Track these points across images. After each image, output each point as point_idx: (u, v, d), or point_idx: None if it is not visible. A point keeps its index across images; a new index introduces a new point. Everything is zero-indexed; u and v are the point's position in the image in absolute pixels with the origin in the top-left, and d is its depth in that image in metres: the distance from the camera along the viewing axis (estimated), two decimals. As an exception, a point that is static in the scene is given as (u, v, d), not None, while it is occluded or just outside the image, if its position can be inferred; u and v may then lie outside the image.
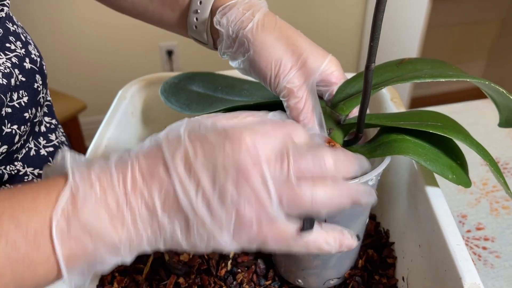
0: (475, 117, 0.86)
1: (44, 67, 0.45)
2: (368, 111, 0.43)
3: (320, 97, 0.43)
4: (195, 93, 0.52)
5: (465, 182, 0.39)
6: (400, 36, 1.85)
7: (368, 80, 0.34)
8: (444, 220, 0.38)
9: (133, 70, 2.03)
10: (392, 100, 0.55)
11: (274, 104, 0.42)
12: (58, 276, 0.26)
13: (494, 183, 0.70)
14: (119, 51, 1.98)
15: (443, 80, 0.37)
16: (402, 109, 0.53)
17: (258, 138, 0.26)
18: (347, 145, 0.42)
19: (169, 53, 2.02)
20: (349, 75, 0.43)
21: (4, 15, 0.41)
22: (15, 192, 0.26)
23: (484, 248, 0.59)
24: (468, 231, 0.62)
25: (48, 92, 0.48)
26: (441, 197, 0.41)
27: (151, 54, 2.02)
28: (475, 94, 2.49)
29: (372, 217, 0.56)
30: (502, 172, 0.72)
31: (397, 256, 0.49)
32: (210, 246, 0.27)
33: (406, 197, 0.47)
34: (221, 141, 0.26)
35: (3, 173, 0.40)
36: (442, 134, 0.37)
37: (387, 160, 0.38)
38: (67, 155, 0.27)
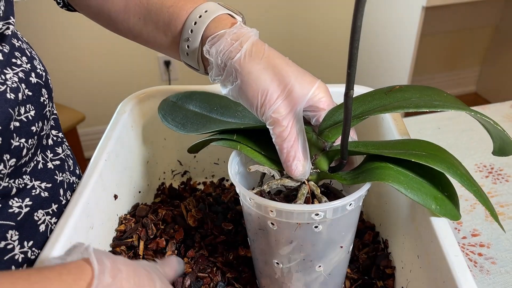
0: (469, 124, 0.87)
1: (50, 81, 0.46)
2: (354, 136, 0.43)
3: (309, 123, 0.43)
4: (192, 112, 0.53)
5: (452, 214, 0.39)
6: (394, 44, 1.87)
7: (348, 106, 0.33)
8: (442, 231, 0.39)
9: (131, 80, 2.03)
10: (390, 111, 0.56)
11: (264, 128, 0.43)
12: None
13: (488, 190, 0.71)
14: (117, 61, 1.98)
15: (427, 110, 0.37)
16: (400, 121, 0.54)
17: None
18: (332, 171, 0.43)
19: (167, 63, 2.03)
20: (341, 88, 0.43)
21: (10, 32, 0.41)
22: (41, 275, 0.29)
23: (480, 254, 0.60)
24: (464, 237, 0.62)
25: (54, 105, 0.49)
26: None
27: (150, 64, 2.03)
28: (470, 99, 2.51)
29: (371, 227, 0.57)
30: (497, 178, 0.73)
31: (396, 266, 0.50)
32: None
33: (404, 207, 0.48)
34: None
35: (11, 187, 0.41)
36: (424, 164, 0.37)
37: (366, 186, 0.39)
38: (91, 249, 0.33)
